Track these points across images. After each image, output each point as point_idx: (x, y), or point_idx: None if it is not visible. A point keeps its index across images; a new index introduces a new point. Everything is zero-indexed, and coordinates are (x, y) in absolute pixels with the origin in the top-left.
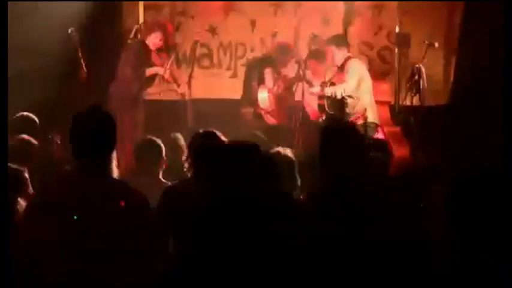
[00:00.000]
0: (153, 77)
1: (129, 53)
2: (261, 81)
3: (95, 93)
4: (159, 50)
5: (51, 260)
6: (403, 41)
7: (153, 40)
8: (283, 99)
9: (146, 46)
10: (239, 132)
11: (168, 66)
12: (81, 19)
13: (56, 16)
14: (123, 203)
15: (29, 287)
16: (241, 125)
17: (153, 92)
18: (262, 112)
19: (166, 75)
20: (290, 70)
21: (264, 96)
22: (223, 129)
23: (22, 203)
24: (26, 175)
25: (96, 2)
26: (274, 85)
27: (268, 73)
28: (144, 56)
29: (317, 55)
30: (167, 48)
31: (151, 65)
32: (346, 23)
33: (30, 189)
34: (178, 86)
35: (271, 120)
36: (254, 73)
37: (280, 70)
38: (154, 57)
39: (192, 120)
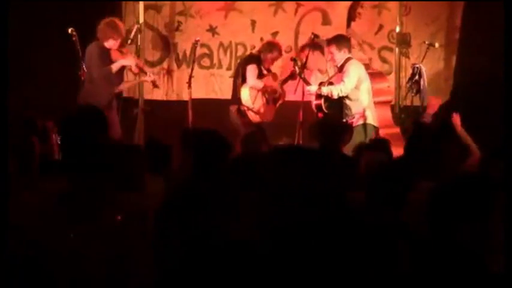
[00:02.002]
0: (121, 71)
1: (91, 56)
2: (244, 79)
3: None
4: (120, 46)
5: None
6: (403, 40)
7: (110, 45)
8: (271, 97)
9: (104, 47)
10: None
11: (132, 60)
12: (81, 19)
13: (55, 16)
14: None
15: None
16: (228, 122)
17: (124, 88)
18: (245, 109)
19: (133, 68)
20: (278, 68)
21: (245, 94)
22: (223, 129)
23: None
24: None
25: (96, 2)
26: (259, 82)
27: (250, 70)
28: (104, 56)
29: (316, 48)
30: (126, 43)
31: (114, 61)
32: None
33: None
34: (146, 73)
35: (254, 117)
36: (239, 71)
37: (266, 68)
38: (115, 55)
39: (192, 120)
